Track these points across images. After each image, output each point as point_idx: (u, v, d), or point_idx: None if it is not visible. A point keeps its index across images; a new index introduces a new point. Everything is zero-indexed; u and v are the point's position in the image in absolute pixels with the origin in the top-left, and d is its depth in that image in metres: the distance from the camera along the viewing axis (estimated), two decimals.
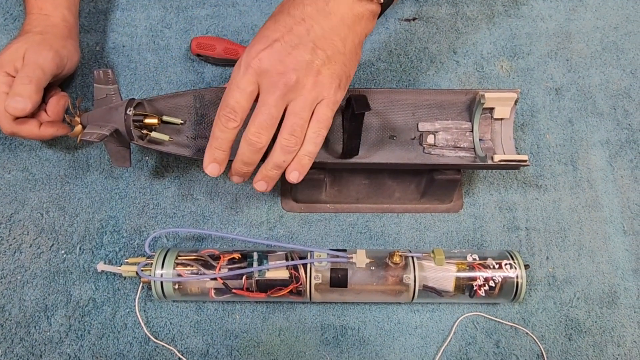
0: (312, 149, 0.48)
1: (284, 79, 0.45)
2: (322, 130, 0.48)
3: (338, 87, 0.47)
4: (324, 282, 0.54)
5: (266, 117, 0.46)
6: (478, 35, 0.71)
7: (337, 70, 0.47)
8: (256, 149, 0.48)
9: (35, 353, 0.57)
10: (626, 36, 0.71)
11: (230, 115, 0.47)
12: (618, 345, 0.58)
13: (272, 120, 0.46)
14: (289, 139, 0.47)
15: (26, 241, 0.61)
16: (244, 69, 0.46)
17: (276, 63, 0.45)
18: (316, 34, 0.46)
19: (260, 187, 0.51)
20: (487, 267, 0.55)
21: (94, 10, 0.71)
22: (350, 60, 0.48)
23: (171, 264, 0.55)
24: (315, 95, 0.46)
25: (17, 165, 0.64)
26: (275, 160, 0.48)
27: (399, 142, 0.57)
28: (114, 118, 0.53)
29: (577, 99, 0.68)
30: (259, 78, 0.46)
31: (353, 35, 0.47)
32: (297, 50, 0.45)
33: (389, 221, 0.62)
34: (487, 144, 0.57)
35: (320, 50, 0.46)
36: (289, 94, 0.46)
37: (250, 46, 0.47)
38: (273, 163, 0.49)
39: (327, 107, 0.47)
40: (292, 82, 0.45)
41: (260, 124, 0.46)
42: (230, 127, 0.47)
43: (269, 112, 0.46)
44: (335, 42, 0.46)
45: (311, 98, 0.46)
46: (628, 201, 0.63)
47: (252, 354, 0.57)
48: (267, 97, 0.46)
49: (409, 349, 0.57)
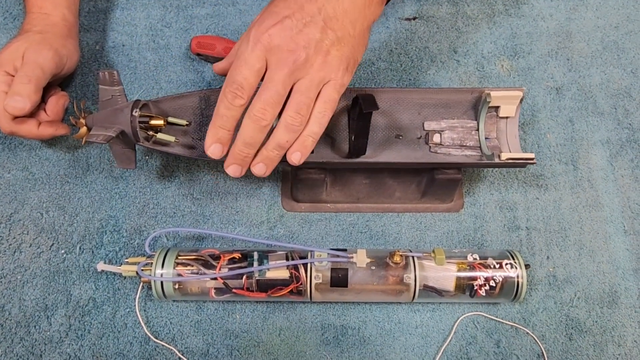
0: (316, 129, 0.47)
1: (294, 56, 0.44)
2: (328, 111, 0.47)
3: (346, 70, 0.46)
4: (325, 281, 0.54)
5: (273, 94, 0.44)
6: (479, 34, 0.71)
7: (346, 52, 0.46)
8: (260, 126, 0.46)
9: (35, 353, 0.57)
10: (627, 35, 0.71)
11: (238, 92, 0.45)
12: (619, 345, 0.58)
13: (279, 97, 0.45)
14: (294, 117, 0.45)
15: (26, 241, 0.61)
16: (252, 44, 0.44)
17: (287, 40, 0.44)
18: (327, 13, 0.45)
19: (259, 170, 0.49)
20: (487, 267, 0.55)
21: (93, 9, 0.71)
22: (359, 44, 0.48)
23: (171, 263, 0.54)
24: (323, 76, 0.45)
25: (16, 165, 0.64)
26: (278, 139, 0.47)
27: (405, 141, 0.57)
28: (120, 120, 0.53)
29: (578, 99, 0.68)
30: (268, 54, 0.45)
31: (362, 18, 0.47)
32: (308, 28, 0.44)
33: (390, 221, 0.62)
34: (493, 143, 0.57)
35: (330, 31, 0.45)
36: (297, 72, 0.45)
37: (258, 22, 0.46)
38: (275, 143, 0.47)
39: (333, 88, 0.46)
40: (301, 60, 0.44)
41: (266, 101, 0.45)
42: (237, 105, 0.45)
43: (276, 89, 0.44)
44: (346, 24, 0.46)
45: (319, 78, 0.45)
46: (629, 201, 0.63)
47: (253, 353, 0.57)
48: (275, 73, 0.44)
49: (409, 348, 0.57)
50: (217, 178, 0.64)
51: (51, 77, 0.57)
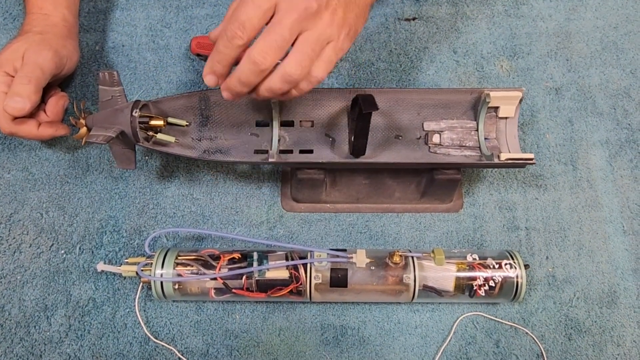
0: (306, 88, 0.46)
1: (306, 4, 0.42)
2: (325, 73, 0.46)
3: (347, 35, 0.46)
4: (324, 282, 0.54)
5: (278, 38, 0.42)
6: (478, 35, 0.71)
7: (350, 18, 0.46)
8: (258, 69, 0.43)
9: (35, 353, 0.57)
10: (626, 36, 0.71)
11: (238, 32, 0.42)
12: (618, 345, 0.58)
13: (284, 42, 0.43)
14: (295, 68, 0.44)
15: (26, 241, 0.61)
16: None
17: None
18: None
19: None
20: (487, 267, 0.55)
21: (93, 10, 0.71)
22: (361, 15, 0.48)
23: (171, 263, 0.54)
24: (330, 33, 0.44)
25: (16, 165, 0.64)
26: (272, 85, 0.45)
27: (404, 141, 0.57)
28: (120, 120, 0.53)
29: (577, 99, 0.68)
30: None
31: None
32: None
33: (389, 221, 0.62)
34: (492, 143, 0.57)
35: None
36: (306, 21, 0.43)
37: None
38: (268, 88, 0.45)
39: (334, 51, 0.45)
40: (312, 10, 0.43)
41: (269, 44, 0.42)
42: (235, 44, 0.43)
43: (282, 34, 0.42)
44: None
45: (325, 34, 0.44)
46: (628, 201, 0.63)
47: (252, 353, 0.57)
48: (284, 17, 0.42)
49: (409, 348, 0.57)
50: (217, 179, 0.64)
51: (51, 77, 0.57)
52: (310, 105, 0.58)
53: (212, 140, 0.57)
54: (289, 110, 0.58)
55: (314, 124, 0.58)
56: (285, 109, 0.58)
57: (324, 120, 0.58)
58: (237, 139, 0.58)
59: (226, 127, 0.58)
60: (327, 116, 0.58)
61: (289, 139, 0.58)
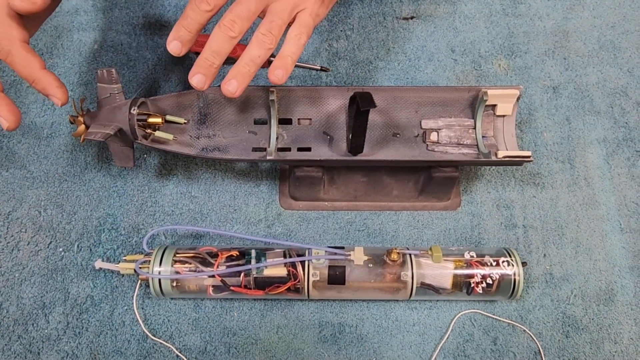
0: (295, 49, 0.48)
1: None
2: (304, 35, 0.48)
3: (322, 2, 0.47)
4: (322, 279, 0.54)
5: (244, 8, 0.45)
6: (476, 33, 0.71)
7: None
8: (228, 36, 0.46)
9: (33, 351, 0.57)
10: (623, 35, 0.71)
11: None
12: (615, 342, 0.58)
13: (250, 13, 0.46)
14: (265, 35, 0.46)
15: (24, 239, 0.61)
16: None
17: None
18: None
19: (231, 87, 0.48)
20: (484, 265, 0.55)
21: (92, 9, 0.71)
22: None
23: (169, 261, 0.55)
24: (297, 2, 0.47)
25: (14, 163, 0.64)
26: (251, 54, 0.47)
27: (402, 139, 0.57)
28: (118, 117, 0.53)
29: (575, 97, 0.68)
30: None
31: None
32: None
33: (387, 219, 0.63)
34: (490, 141, 0.57)
35: None
36: None
37: None
38: (248, 57, 0.47)
39: (309, 15, 0.47)
40: None
41: (236, 13, 0.46)
42: (202, 9, 0.45)
43: (248, 5, 0.45)
44: None
45: (293, 2, 0.46)
46: (625, 199, 0.63)
47: (250, 351, 0.57)
48: None
49: (406, 346, 0.57)
50: (216, 176, 0.64)
51: None
52: (308, 103, 0.58)
53: (210, 138, 0.57)
54: (287, 108, 0.58)
55: (312, 121, 0.58)
56: (283, 107, 0.58)
57: (322, 118, 0.58)
58: (235, 137, 0.58)
59: (224, 125, 0.58)
60: (325, 114, 0.58)
61: (287, 136, 0.58)
